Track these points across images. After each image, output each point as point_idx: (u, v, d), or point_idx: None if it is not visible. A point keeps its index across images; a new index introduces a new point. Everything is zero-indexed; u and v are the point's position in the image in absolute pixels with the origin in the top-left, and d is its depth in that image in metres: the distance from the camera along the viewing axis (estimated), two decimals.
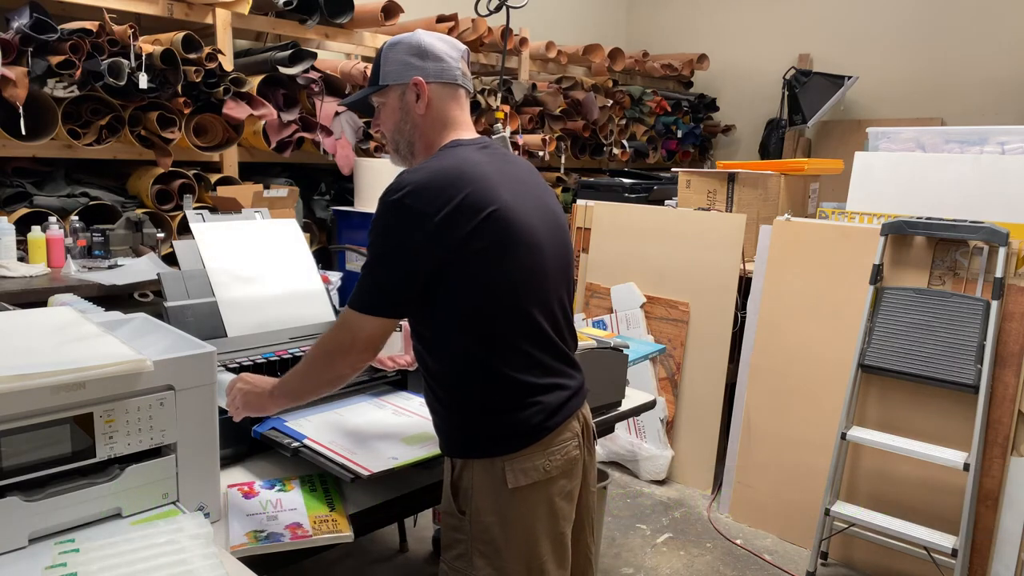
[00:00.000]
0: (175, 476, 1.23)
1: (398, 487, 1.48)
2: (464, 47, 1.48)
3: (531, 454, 1.38)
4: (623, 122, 5.27)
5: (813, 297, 2.85)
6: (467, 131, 1.46)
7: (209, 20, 3.20)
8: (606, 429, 2.17)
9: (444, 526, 1.45)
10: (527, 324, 1.38)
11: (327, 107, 3.43)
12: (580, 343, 1.53)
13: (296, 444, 1.49)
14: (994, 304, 2.39)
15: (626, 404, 2.08)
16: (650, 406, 2.17)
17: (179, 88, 2.96)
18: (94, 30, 2.71)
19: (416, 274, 1.32)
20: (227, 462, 1.49)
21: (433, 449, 1.52)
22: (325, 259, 3.66)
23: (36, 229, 2.71)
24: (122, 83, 2.77)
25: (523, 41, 4.64)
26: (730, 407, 3.16)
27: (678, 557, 2.78)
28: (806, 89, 5.29)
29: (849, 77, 5.24)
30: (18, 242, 2.69)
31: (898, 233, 2.61)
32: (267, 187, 3.19)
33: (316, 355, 1.40)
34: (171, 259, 2.78)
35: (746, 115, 5.99)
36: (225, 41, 3.23)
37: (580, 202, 3.78)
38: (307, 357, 1.41)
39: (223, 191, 2.98)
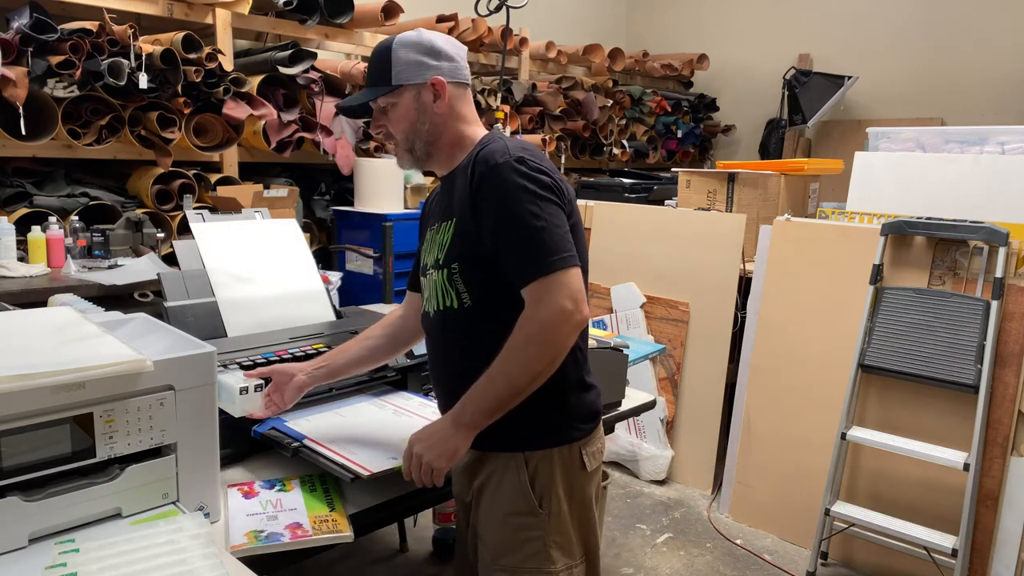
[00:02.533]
0: (175, 476, 1.23)
1: (398, 487, 1.48)
2: (464, 47, 1.48)
3: (595, 436, 1.45)
4: (623, 122, 5.27)
5: (813, 297, 2.85)
6: (483, 129, 1.46)
7: (209, 20, 3.21)
8: (606, 429, 2.16)
9: (509, 528, 1.38)
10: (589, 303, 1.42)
11: (327, 107, 3.43)
12: None
13: (296, 444, 1.49)
14: (994, 304, 2.39)
15: (626, 404, 2.08)
16: (650, 406, 2.17)
17: (179, 88, 2.96)
18: (94, 30, 2.71)
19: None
20: (227, 462, 1.49)
21: None
22: (325, 259, 3.65)
23: (36, 229, 2.71)
24: (122, 83, 2.77)
25: (523, 41, 4.63)
26: (730, 407, 3.16)
27: (678, 557, 2.78)
28: (806, 89, 5.29)
29: (849, 77, 5.24)
30: (18, 242, 2.69)
31: (898, 233, 2.61)
32: (267, 187, 3.19)
33: (528, 339, 1.25)
34: (171, 259, 2.78)
35: (746, 115, 5.99)
36: (225, 41, 3.23)
37: (580, 202, 3.78)
38: (510, 350, 1.26)
39: (223, 191, 2.98)
